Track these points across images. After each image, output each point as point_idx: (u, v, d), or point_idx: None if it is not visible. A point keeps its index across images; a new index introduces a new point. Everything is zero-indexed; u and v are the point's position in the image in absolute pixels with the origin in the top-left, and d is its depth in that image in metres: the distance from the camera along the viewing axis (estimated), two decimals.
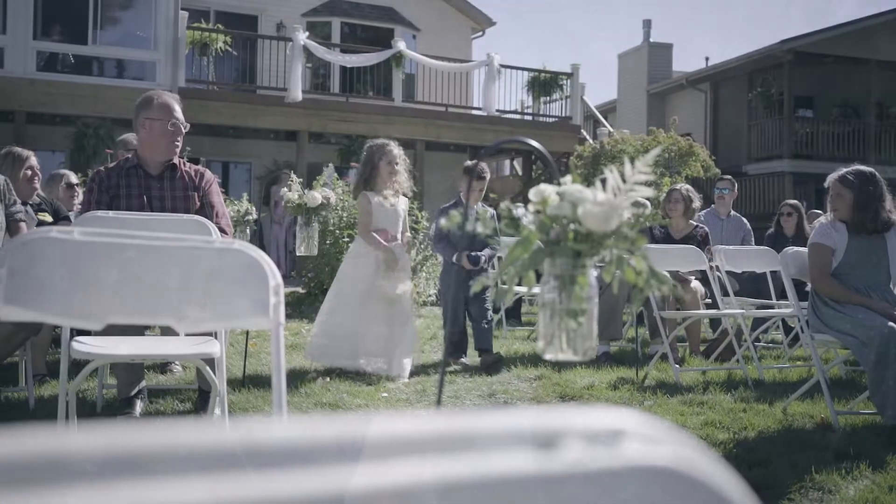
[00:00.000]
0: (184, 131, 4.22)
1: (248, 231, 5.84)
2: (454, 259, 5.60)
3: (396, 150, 5.32)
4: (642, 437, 0.46)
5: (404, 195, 5.53)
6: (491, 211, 6.18)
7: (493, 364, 5.58)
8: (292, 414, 4.19)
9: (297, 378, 5.11)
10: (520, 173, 18.81)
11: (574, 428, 0.44)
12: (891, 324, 3.92)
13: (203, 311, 1.86)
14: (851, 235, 4.28)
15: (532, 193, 1.50)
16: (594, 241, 1.37)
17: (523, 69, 17.46)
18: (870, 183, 4.29)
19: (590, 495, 0.43)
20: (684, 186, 6.82)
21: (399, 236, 5.46)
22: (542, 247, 1.52)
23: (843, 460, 3.46)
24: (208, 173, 4.39)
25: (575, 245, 1.38)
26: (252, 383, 4.84)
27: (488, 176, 5.88)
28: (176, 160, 4.25)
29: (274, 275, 1.87)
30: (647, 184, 1.49)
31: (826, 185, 4.46)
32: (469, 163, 6.07)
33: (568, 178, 1.53)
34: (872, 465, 3.40)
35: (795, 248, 4.58)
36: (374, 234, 5.32)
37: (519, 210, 1.51)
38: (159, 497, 0.38)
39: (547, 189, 1.52)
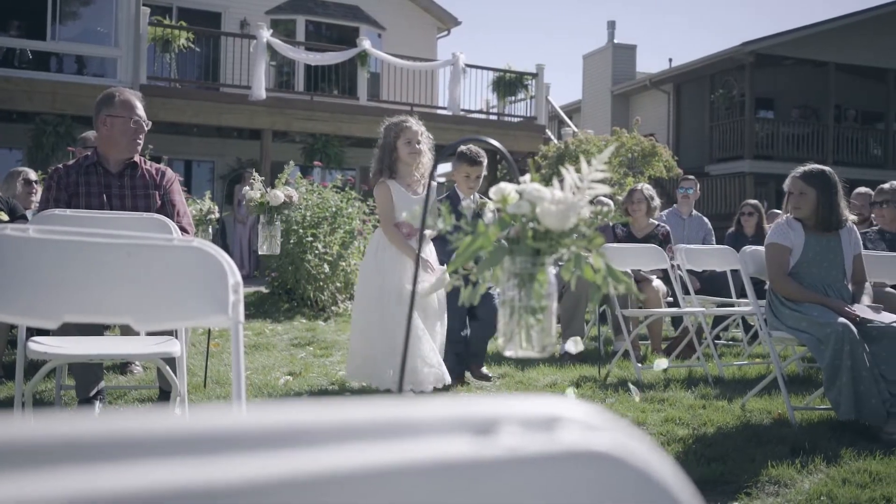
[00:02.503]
0: (145, 129, 4.18)
1: (210, 230, 5.79)
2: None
3: (417, 125, 4.51)
4: (579, 423, 0.47)
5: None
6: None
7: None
8: None
9: (259, 378, 5.09)
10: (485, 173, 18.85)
11: (511, 415, 0.45)
12: (846, 322, 4.00)
13: (161, 309, 1.85)
14: (808, 234, 4.36)
15: (492, 192, 1.52)
16: (552, 240, 1.38)
17: (488, 69, 17.51)
18: (831, 181, 4.38)
19: (527, 479, 0.44)
20: (645, 186, 6.90)
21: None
22: (503, 244, 1.54)
23: (798, 454, 3.52)
24: (169, 172, 4.35)
25: (534, 243, 1.39)
26: (214, 383, 4.80)
27: (485, 161, 5.10)
28: (137, 158, 4.21)
29: (233, 273, 1.87)
30: (604, 181, 1.51)
31: (786, 184, 4.52)
32: (462, 147, 5.14)
33: (527, 176, 1.55)
34: (827, 459, 3.47)
35: (754, 247, 4.64)
36: (397, 230, 4.60)
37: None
38: (103, 483, 0.38)
39: (507, 188, 1.53)
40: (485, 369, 5.23)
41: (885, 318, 4.12)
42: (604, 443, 0.46)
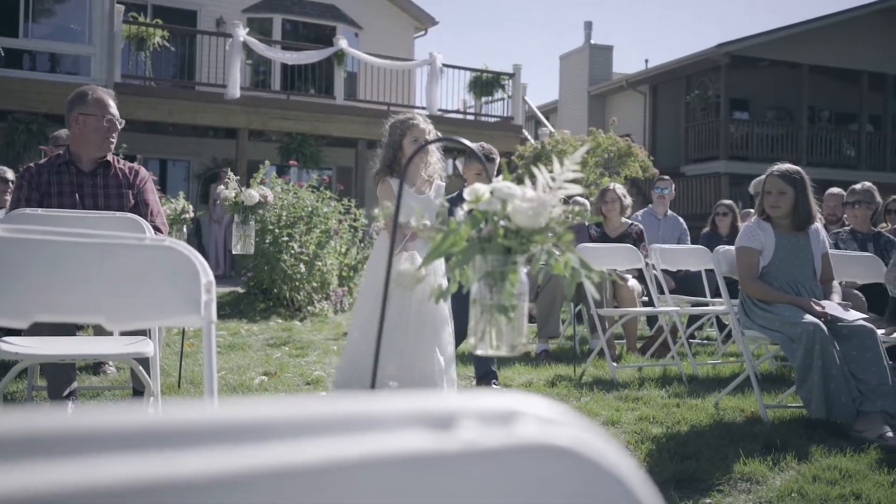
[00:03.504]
0: (119, 127, 4.15)
1: (184, 230, 5.76)
2: None
3: (424, 124, 4.26)
4: (537, 418, 0.47)
5: (440, 180, 4.40)
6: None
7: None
8: None
9: (234, 378, 5.07)
10: (462, 172, 18.90)
11: (468, 409, 0.46)
12: (817, 322, 4.04)
13: (133, 308, 1.85)
14: (778, 234, 4.41)
15: (466, 192, 1.52)
16: (524, 238, 1.39)
17: (465, 69, 17.53)
18: (806, 180, 4.45)
19: (484, 473, 0.45)
20: (617, 185, 6.98)
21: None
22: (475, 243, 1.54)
23: (770, 452, 3.56)
24: (143, 171, 4.32)
25: (505, 241, 1.40)
26: (188, 383, 4.78)
27: (497, 159, 4.89)
28: (110, 157, 4.18)
29: (206, 272, 1.86)
30: (577, 181, 1.53)
31: (761, 183, 4.55)
32: (473, 144, 4.85)
33: (500, 176, 1.56)
34: (798, 457, 3.51)
35: (726, 247, 4.68)
36: (399, 232, 4.16)
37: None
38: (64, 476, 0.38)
39: (481, 187, 1.54)
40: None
41: (852, 315, 4.17)
42: (562, 437, 0.47)
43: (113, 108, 4.11)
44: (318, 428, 0.43)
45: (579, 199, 7.88)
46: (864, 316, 4.23)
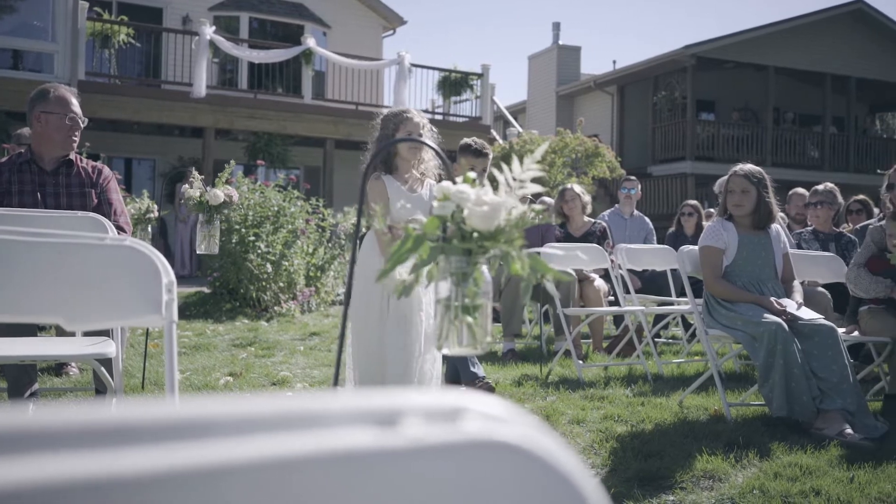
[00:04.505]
0: (81, 126, 4.10)
1: (149, 229, 5.70)
2: None
3: (419, 117, 3.99)
4: (483, 415, 0.48)
5: (433, 177, 4.09)
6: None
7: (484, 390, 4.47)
8: None
9: (199, 378, 5.03)
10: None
11: (414, 406, 0.46)
12: (779, 321, 4.10)
13: (92, 309, 1.83)
14: (740, 233, 4.46)
15: (436, 190, 1.53)
16: (481, 239, 1.40)
17: (434, 69, 17.53)
18: (767, 180, 4.52)
19: (430, 469, 0.45)
20: (574, 185, 7.04)
21: None
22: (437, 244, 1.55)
23: (733, 449, 3.60)
24: (106, 170, 4.28)
25: (462, 244, 1.40)
26: (152, 384, 4.73)
27: (490, 153, 4.69)
28: (73, 156, 4.13)
29: (167, 272, 1.85)
30: (537, 181, 1.54)
31: (725, 182, 4.60)
32: (465, 140, 4.83)
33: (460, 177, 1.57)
34: (760, 454, 3.55)
35: (690, 247, 4.73)
36: (389, 233, 3.90)
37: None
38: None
39: (451, 187, 1.54)
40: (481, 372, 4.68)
41: (806, 314, 4.23)
42: (507, 433, 0.47)
43: (75, 106, 4.07)
44: (264, 425, 0.43)
45: (546, 199, 7.92)
46: (820, 316, 4.29)
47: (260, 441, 0.42)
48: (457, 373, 4.61)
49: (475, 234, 1.39)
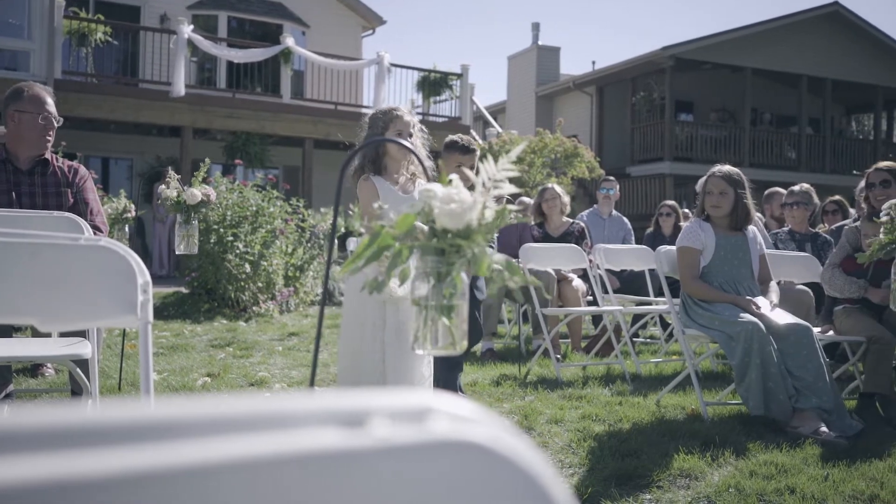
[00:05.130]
0: (56, 125, 4.07)
1: (126, 229, 5.66)
2: None
3: (409, 116, 3.83)
4: (451, 415, 0.48)
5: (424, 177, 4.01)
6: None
7: None
8: None
9: (177, 379, 5.00)
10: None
11: (382, 407, 0.47)
12: (755, 321, 4.13)
13: (67, 309, 1.81)
14: (717, 234, 4.50)
15: (419, 192, 1.53)
16: (453, 239, 1.40)
17: (413, 69, 17.53)
18: (744, 181, 4.56)
19: (397, 469, 0.45)
20: (555, 185, 7.08)
21: None
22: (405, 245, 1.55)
23: (709, 448, 3.63)
24: (83, 169, 4.25)
25: (432, 243, 1.40)
26: (129, 385, 4.70)
27: (478, 150, 4.46)
28: (48, 155, 4.10)
29: (142, 272, 1.84)
30: (514, 181, 1.54)
31: (705, 183, 4.62)
32: (451, 136, 4.70)
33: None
34: (736, 453, 3.58)
35: (668, 247, 4.76)
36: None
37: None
38: None
39: (433, 185, 1.54)
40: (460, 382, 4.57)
41: (779, 316, 4.27)
42: (475, 434, 0.47)
43: (50, 105, 4.04)
44: (231, 426, 0.43)
45: (524, 199, 7.95)
46: (794, 318, 4.32)
47: (227, 442, 0.42)
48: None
49: (446, 233, 1.40)
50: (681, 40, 20.21)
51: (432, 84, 17.70)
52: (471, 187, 1.50)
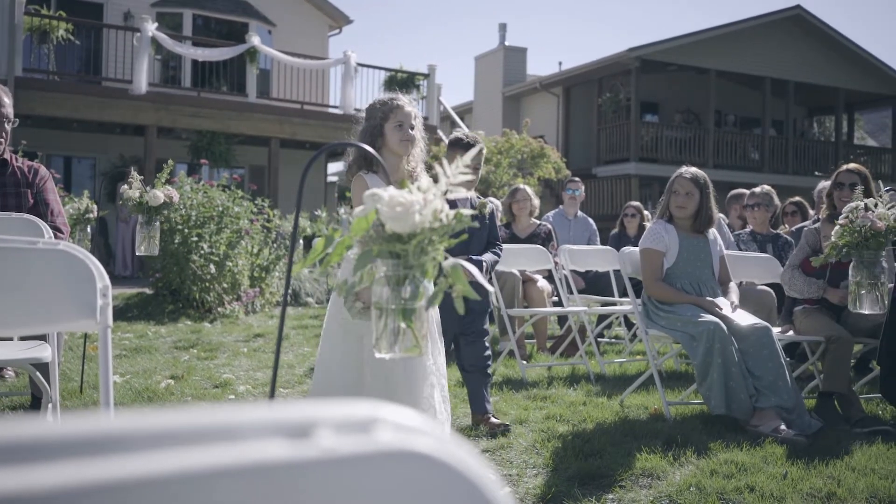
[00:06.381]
0: (9, 125, 3.99)
1: (88, 230, 5.60)
2: None
3: (410, 106, 3.52)
4: (396, 425, 0.49)
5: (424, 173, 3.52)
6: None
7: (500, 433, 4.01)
8: None
9: (140, 381, 4.95)
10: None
11: (327, 418, 0.47)
12: (717, 321, 4.19)
13: (24, 313, 1.80)
14: (680, 235, 4.55)
15: (366, 196, 1.53)
16: (402, 242, 1.40)
17: (380, 68, 17.49)
18: (709, 184, 4.61)
19: (343, 479, 0.46)
20: (527, 186, 7.10)
21: None
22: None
23: (671, 448, 3.67)
24: (43, 169, 4.19)
25: (383, 246, 1.41)
26: (91, 388, 4.65)
27: (481, 146, 4.04)
28: (7, 155, 4.04)
29: (101, 276, 1.82)
30: (466, 184, 1.55)
31: (671, 184, 4.66)
32: (457, 132, 4.50)
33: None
34: (697, 452, 3.62)
35: (632, 249, 4.80)
36: None
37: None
38: None
39: (381, 193, 1.55)
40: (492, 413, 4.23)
41: (740, 317, 4.32)
42: (420, 444, 0.48)
43: (6, 105, 3.97)
44: (176, 439, 0.44)
45: (493, 199, 7.97)
46: (756, 320, 4.38)
47: (172, 456, 0.43)
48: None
49: (397, 236, 1.40)
50: (646, 42, 20.36)
51: (399, 84, 17.67)
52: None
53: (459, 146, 4.35)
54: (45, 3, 15.68)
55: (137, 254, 4.41)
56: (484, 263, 4.05)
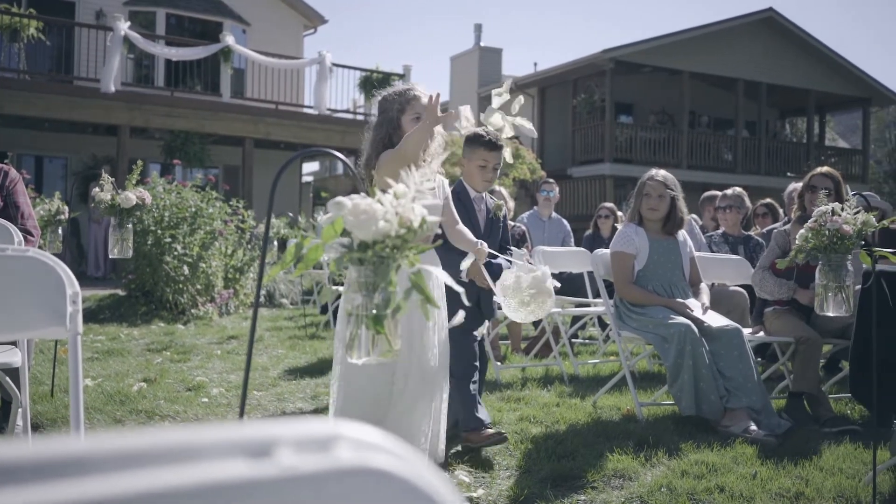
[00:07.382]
0: None
1: (59, 231, 5.54)
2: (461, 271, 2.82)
3: (427, 98, 3.27)
4: (356, 442, 0.50)
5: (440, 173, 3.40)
6: (507, 204, 4.90)
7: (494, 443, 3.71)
8: (103, 424, 4.05)
9: (112, 385, 4.92)
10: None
11: (287, 436, 0.48)
12: (688, 323, 4.23)
13: None
14: (651, 237, 4.59)
15: (330, 204, 1.53)
16: (367, 248, 1.41)
17: (355, 69, 17.45)
18: (678, 187, 4.65)
19: (303, 497, 0.47)
20: (504, 189, 7.11)
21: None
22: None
23: (643, 448, 3.70)
24: (13, 171, 4.15)
25: (353, 253, 1.42)
26: (62, 392, 4.61)
27: (504, 147, 3.92)
28: None
29: (71, 283, 1.82)
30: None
31: (643, 186, 4.69)
32: (476, 130, 4.00)
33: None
34: (669, 452, 3.66)
35: (604, 251, 4.83)
36: None
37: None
38: None
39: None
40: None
41: (712, 319, 4.37)
42: (380, 461, 0.49)
43: None
44: (137, 460, 0.45)
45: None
46: (727, 322, 4.42)
47: (133, 477, 0.43)
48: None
49: (363, 243, 1.41)
50: (621, 43, 20.48)
51: (375, 84, 17.65)
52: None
53: (480, 143, 4.01)
54: (16, 0, 15.51)
55: (111, 256, 4.38)
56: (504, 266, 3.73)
